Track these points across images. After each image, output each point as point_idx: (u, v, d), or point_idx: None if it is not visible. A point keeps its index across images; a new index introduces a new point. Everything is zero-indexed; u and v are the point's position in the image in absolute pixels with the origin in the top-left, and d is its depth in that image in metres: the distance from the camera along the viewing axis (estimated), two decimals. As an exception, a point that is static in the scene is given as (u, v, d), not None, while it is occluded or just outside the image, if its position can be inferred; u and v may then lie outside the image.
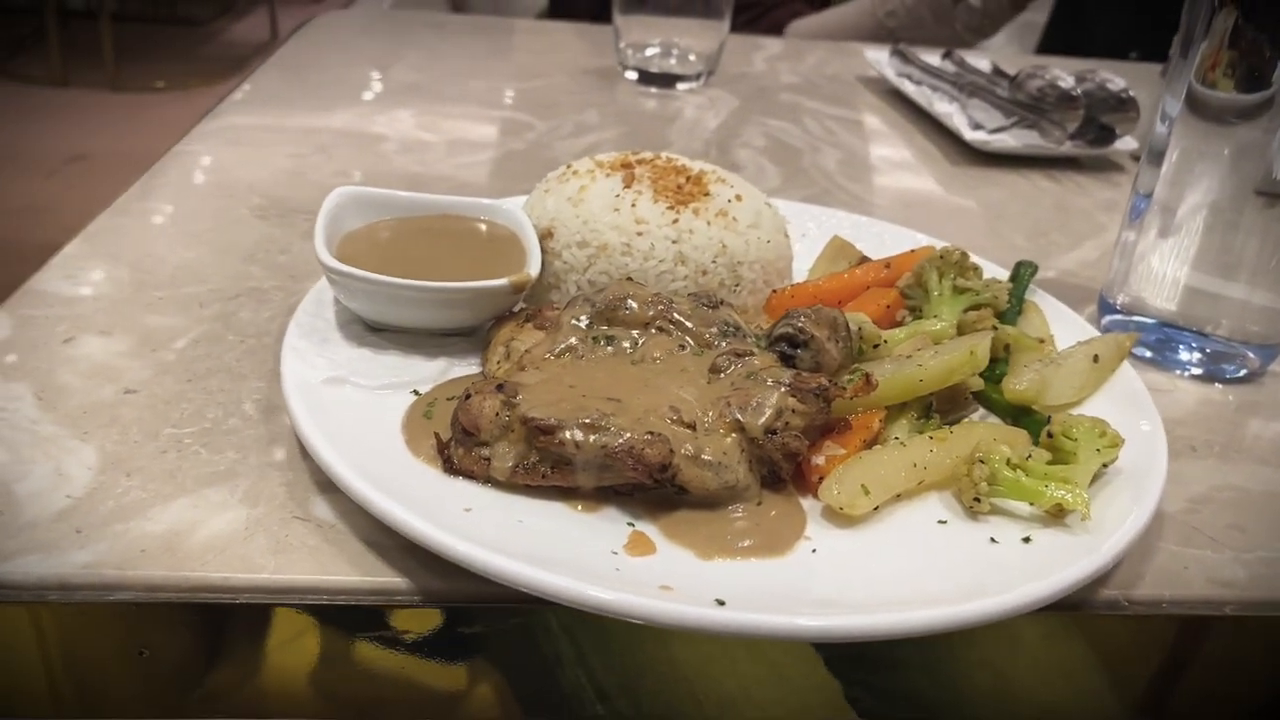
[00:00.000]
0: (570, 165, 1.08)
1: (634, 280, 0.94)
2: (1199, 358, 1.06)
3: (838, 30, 2.57)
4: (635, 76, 1.96)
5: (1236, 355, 1.05)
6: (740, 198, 1.03)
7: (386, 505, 0.71)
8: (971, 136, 1.68)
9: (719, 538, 0.74)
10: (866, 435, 0.83)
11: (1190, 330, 1.06)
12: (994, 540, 0.76)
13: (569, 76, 1.99)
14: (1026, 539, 0.76)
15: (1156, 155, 1.03)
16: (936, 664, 0.95)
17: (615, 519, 0.76)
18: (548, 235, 1.01)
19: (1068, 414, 0.85)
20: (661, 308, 0.88)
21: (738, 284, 0.99)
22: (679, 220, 0.98)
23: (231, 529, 0.75)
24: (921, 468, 0.79)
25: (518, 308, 0.96)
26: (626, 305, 0.88)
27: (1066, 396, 0.91)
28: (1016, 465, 0.79)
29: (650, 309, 0.88)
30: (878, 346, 0.92)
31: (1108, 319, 1.12)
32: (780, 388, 0.80)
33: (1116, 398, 0.92)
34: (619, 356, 0.86)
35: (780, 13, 2.70)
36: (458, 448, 0.78)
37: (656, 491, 0.77)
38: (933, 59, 1.99)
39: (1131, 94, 1.65)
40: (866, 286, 1.03)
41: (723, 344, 0.86)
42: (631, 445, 0.74)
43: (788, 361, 0.85)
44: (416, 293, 0.89)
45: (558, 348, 0.87)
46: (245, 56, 6.34)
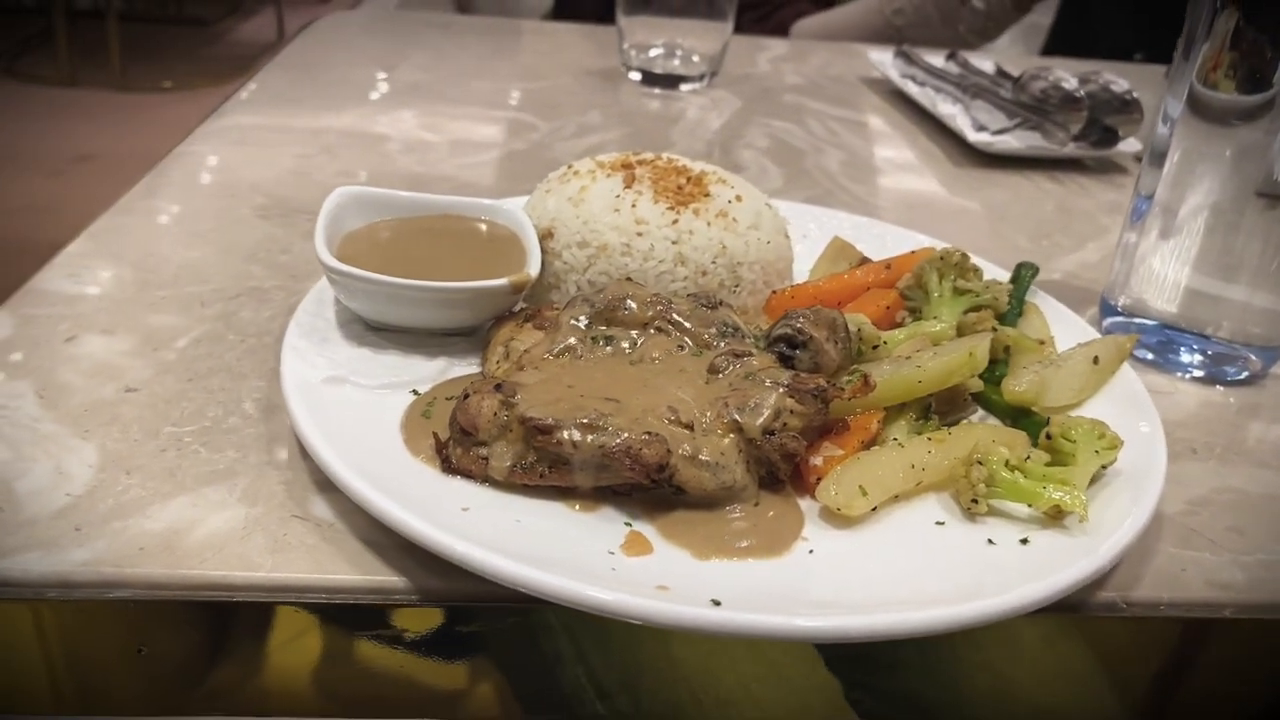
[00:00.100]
0: (571, 165, 1.08)
1: (633, 281, 0.94)
2: (1200, 360, 1.06)
3: (844, 29, 2.55)
4: (639, 77, 1.96)
5: (1238, 357, 1.05)
6: (740, 198, 1.03)
7: (384, 504, 0.71)
8: (975, 138, 1.67)
9: (716, 538, 0.74)
10: (865, 436, 0.83)
11: (1191, 332, 1.05)
12: (991, 542, 0.76)
13: (573, 77, 1.99)
14: (1024, 540, 0.76)
15: (1158, 156, 1.03)
16: (937, 665, 0.95)
17: (613, 519, 0.76)
18: (548, 235, 1.01)
19: (1067, 415, 0.85)
20: (660, 308, 0.88)
21: (737, 285, 0.99)
22: (679, 221, 0.98)
23: (230, 527, 0.76)
24: (919, 469, 0.79)
25: (517, 308, 0.96)
26: (626, 305, 0.88)
27: (1066, 398, 0.91)
28: (1015, 467, 0.78)
29: (649, 309, 0.88)
30: (877, 348, 0.92)
31: (1109, 321, 1.12)
32: (778, 388, 0.80)
33: (1116, 400, 0.92)
34: (618, 357, 0.86)
35: (785, 12, 2.69)
36: (456, 447, 0.79)
37: (654, 492, 0.77)
38: (936, 60, 1.99)
39: (1135, 96, 1.65)
40: (866, 287, 1.03)
41: (721, 344, 0.86)
42: (629, 445, 0.74)
43: (786, 362, 0.85)
44: (416, 292, 0.89)
45: (556, 348, 0.87)
46: (252, 56, 6.36)
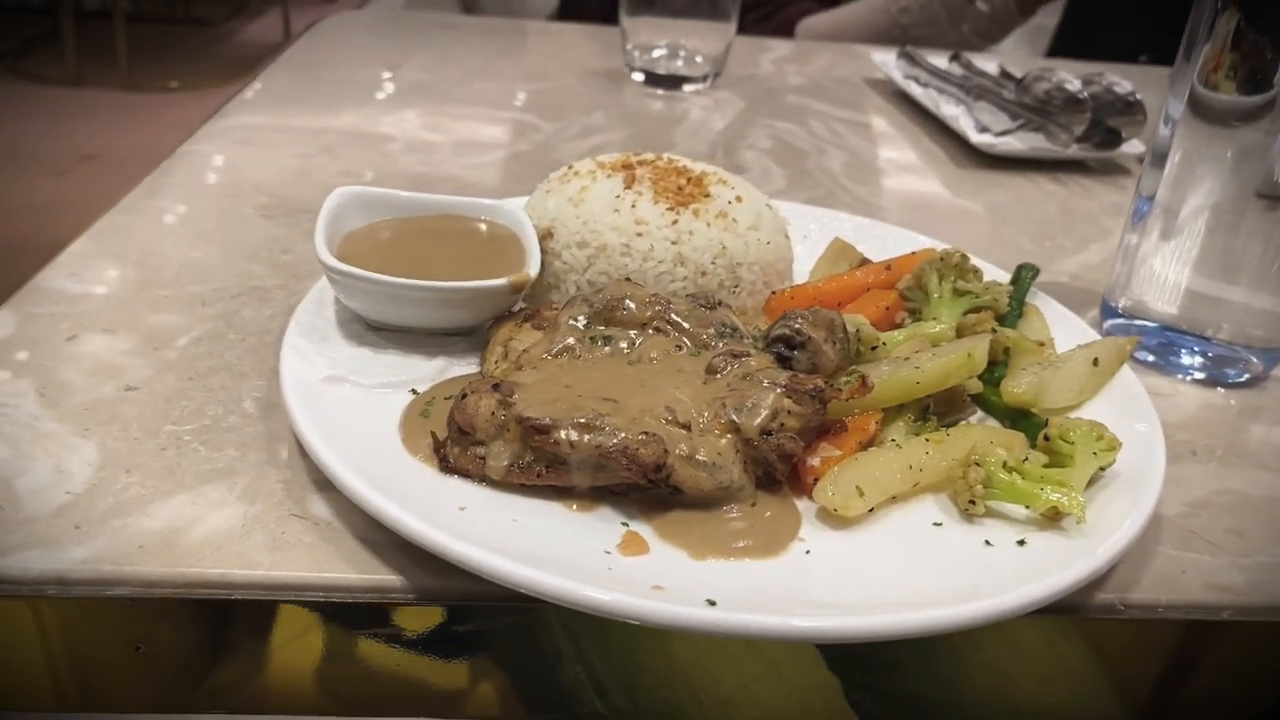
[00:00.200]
0: (572, 166, 1.08)
1: (632, 281, 0.94)
2: (1201, 362, 1.06)
3: (849, 27, 2.53)
4: (642, 78, 1.96)
5: (1239, 359, 1.05)
6: (740, 199, 1.03)
7: (381, 503, 0.71)
8: (977, 139, 1.67)
9: (713, 538, 0.74)
10: (862, 437, 0.83)
11: (1192, 334, 1.05)
12: (989, 543, 0.76)
13: (577, 78, 2.00)
14: (1021, 542, 0.76)
15: (1159, 158, 1.03)
16: (937, 666, 0.94)
17: (610, 519, 0.76)
18: (548, 235, 1.01)
19: (1065, 417, 0.85)
20: (659, 308, 0.89)
21: (737, 285, 0.99)
22: (679, 221, 0.98)
23: (229, 526, 0.76)
24: (917, 470, 0.79)
25: (517, 308, 0.96)
26: (624, 306, 0.89)
27: (1065, 400, 0.91)
28: (1012, 468, 0.78)
29: (648, 309, 0.88)
30: (876, 348, 0.92)
31: (1110, 323, 1.12)
32: (776, 389, 0.80)
33: (1116, 401, 0.92)
34: (616, 357, 0.86)
35: (790, 11, 2.67)
36: (453, 446, 0.79)
37: (651, 492, 0.77)
38: (940, 61, 1.99)
39: (1139, 97, 1.64)
40: (866, 288, 1.03)
41: (720, 345, 0.86)
42: (626, 445, 0.74)
43: (784, 363, 0.85)
44: (416, 292, 0.90)
45: (555, 347, 0.87)
46: (258, 57, 6.37)
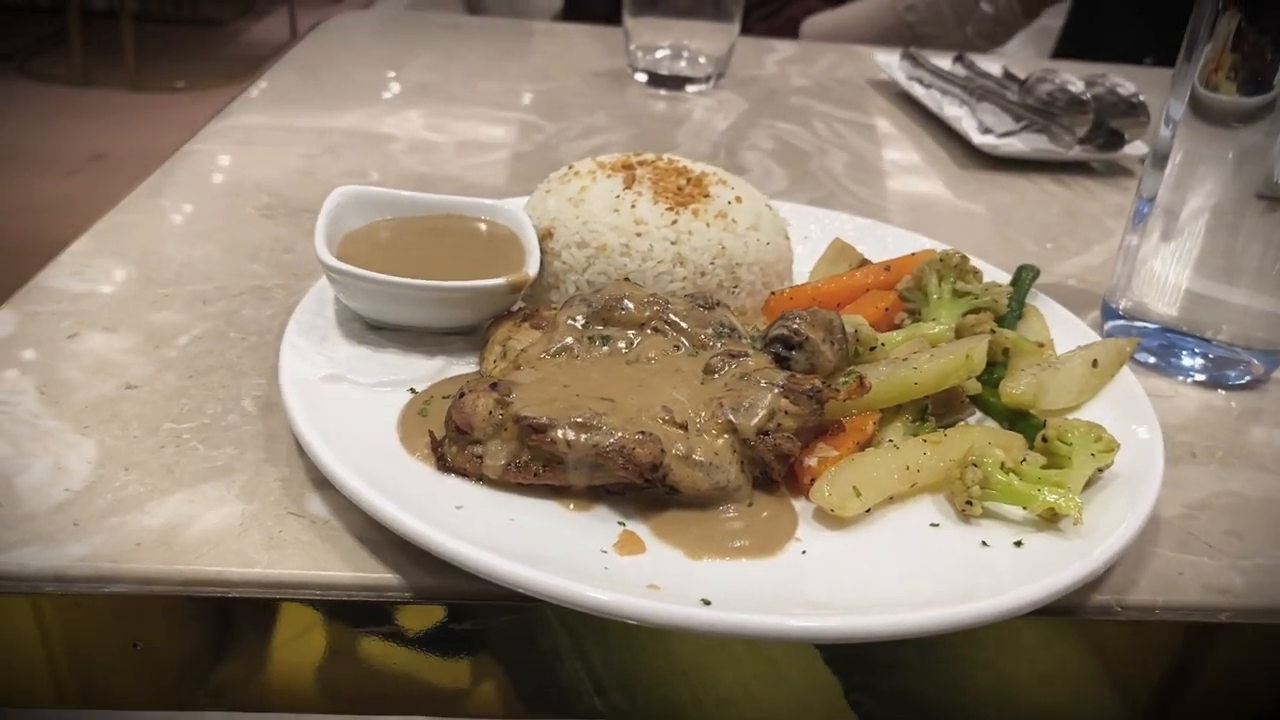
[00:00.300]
0: (572, 166, 1.08)
1: (631, 281, 0.94)
2: (1202, 363, 1.05)
3: (855, 25, 2.51)
4: (645, 79, 1.96)
5: (1240, 361, 1.05)
6: (740, 199, 1.03)
7: (378, 502, 0.71)
8: (980, 140, 1.67)
9: (709, 538, 0.74)
10: (860, 437, 0.83)
11: (1193, 336, 1.05)
12: (985, 544, 0.76)
13: (580, 78, 2.00)
14: (1018, 543, 0.75)
15: (1160, 159, 1.03)
16: (937, 666, 0.94)
17: (606, 518, 0.76)
18: (547, 235, 1.01)
19: (1063, 418, 0.85)
20: (657, 308, 0.89)
21: (736, 285, 0.99)
22: (678, 221, 0.98)
23: (227, 524, 0.76)
24: (914, 470, 0.79)
25: (516, 307, 0.97)
26: (623, 305, 0.89)
27: (1064, 401, 0.90)
28: (1010, 469, 0.78)
29: (646, 309, 0.88)
30: (874, 349, 0.91)
31: (1110, 324, 1.11)
32: (773, 389, 0.80)
33: (1115, 403, 0.92)
34: (614, 356, 0.86)
35: (794, 9, 2.66)
36: (451, 445, 0.79)
37: (648, 491, 0.77)
38: (943, 63, 1.99)
39: (1142, 99, 1.64)
40: (866, 289, 1.02)
41: (718, 345, 0.87)
42: (622, 445, 0.74)
43: (782, 363, 0.85)
44: (415, 291, 0.90)
45: (553, 347, 0.87)
46: (264, 57, 6.38)
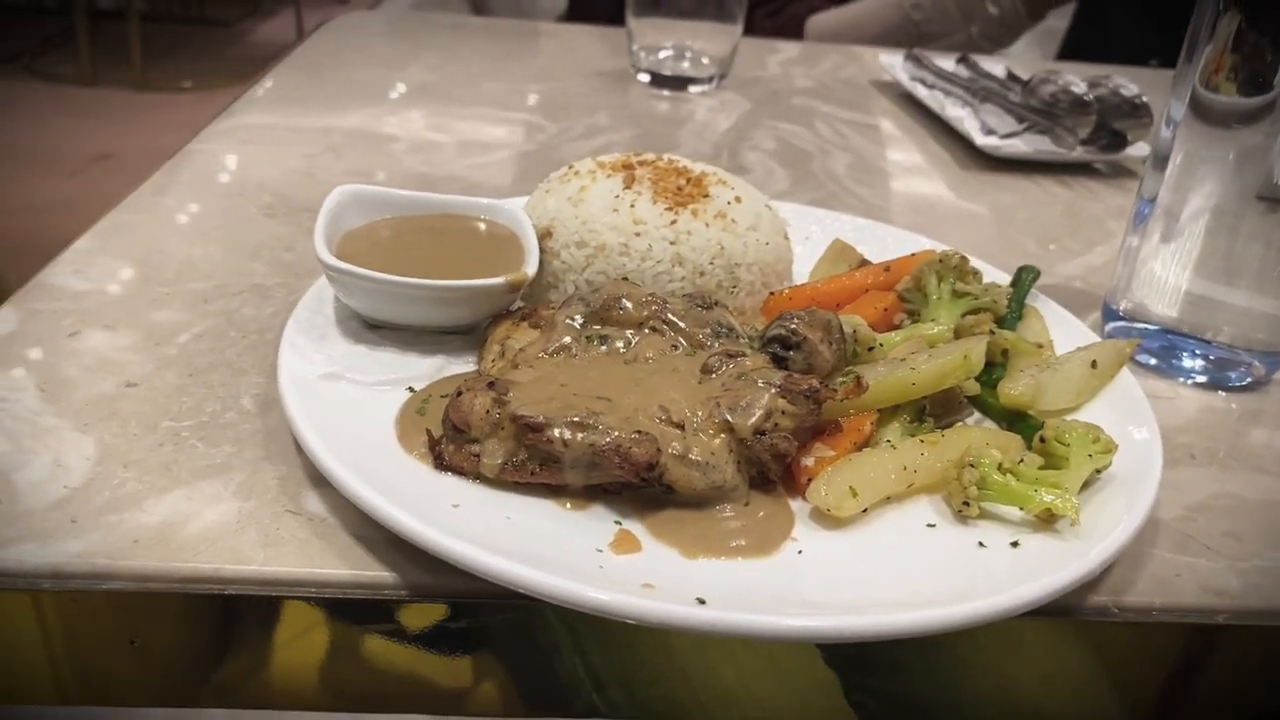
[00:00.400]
0: (572, 166, 1.09)
1: (630, 280, 0.94)
2: (1203, 365, 1.05)
3: (860, 23, 2.50)
4: (648, 79, 1.96)
5: (1241, 363, 1.04)
6: (740, 199, 1.03)
7: (374, 500, 0.71)
8: (982, 141, 1.67)
9: (705, 537, 0.74)
10: (857, 438, 0.82)
11: (1193, 337, 1.05)
12: (982, 544, 0.76)
13: (583, 79, 2.00)
14: (1015, 544, 0.75)
15: (1161, 160, 1.02)
16: (939, 668, 0.94)
17: (603, 517, 0.76)
18: (547, 235, 1.01)
19: (1061, 419, 0.85)
20: (655, 308, 0.89)
21: (735, 285, 0.99)
22: (677, 221, 0.98)
23: (224, 521, 0.76)
24: (911, 471, 0.79)
25: (515, 306, 0.97)
26: (621, 305, 0.89)
27: (1063, 402, 0.90)
28: (1007, 470, 0.78)
29: (644, 309, 0.88)
30: (872, 349, 0.91)
31: (1111, 325, 1.11)
32: (770, 389, 0.80)
33: (1115, 404, 0.91)
34: (612, 356, 0.86)
35: (799, 6, 2.66)
36: (448, 444, 0.79)
37: (645, 490, 0.77)
38: (947, 63, 1.98)
39: (1145, 100, 1.64)
40: (865, 290, 1.02)
41: (715, 345, 0.87)
42: (619, 444, 0.74)
43: (780, 363, 0.85)
44: (413, 290, 0.90)
45: (552, 346, 0.87)
46: (270, 57, 6.37)
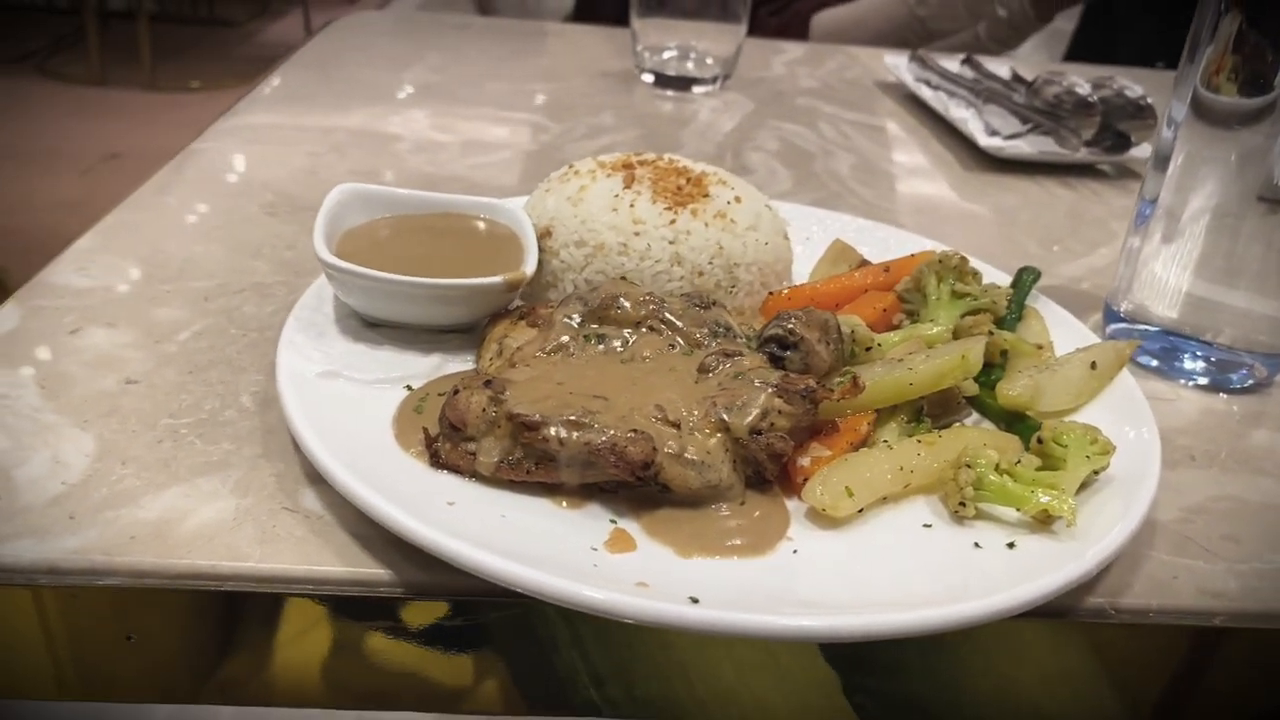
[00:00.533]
0: (572, 165, 1.09)
1: (628, 280, 0.94)
2: (1204, 366, 1.05)
3: (865, 20, 2.48)
4: (652, 79, 1.96)
5: (1242, 364, 1.04)
6: (739, 199, 1.03)
7: (369, 497, 0.71)
8: (986, 142, 1.66)
9: (700, 536, 0.74)
10: (854, 438, 0.82)
11: (1195, 338, 1.04)
12: (978, 545, 0.75)
13: (587, 79, 2.00)
14: (1011, 544, 0.75)
15: (1162, 160, 1.02)
16: (939, 670, 0.94)
17: (598, 516, 0.76)
18: (546, 234, 1.01)
19: (1060, 420, 0.85)
20: (653, 307, 0.89)
21: (734, 285, 0.99)
22: (676, 221, 0.98)
23: (221, 518, 0.76)
24: (908, 471, 0.79)
25: (513, 305, 0.97)
26: (618, 304, 0.89)
27: (1062, 403, 0.90)
28: (1004, 470, 0.78)
29: (642, 308, 0.88)
30: (870, 350, 0.91)
31: (1112, 327, 1.11)
32: (767, 389, 0.80)
33: (1114, 406, 0.91)
34: (609, 355, 0.86)
35: (803, 4, 2.65)
36: (444, 442, 0.79)
37: (641, 489, 0.77)
38: (951, 64, 1.98)
39: (1149, 101, 1.63)
40: (864, 290, 1.02)
41: (713, 344, 0.87)
42: (614, 443, 0.74)
43: (777, 363, 0.85)
44: (412, 289, 0.90)
45: (549, 345, 0.87)
46: (279, 57, 6.40)
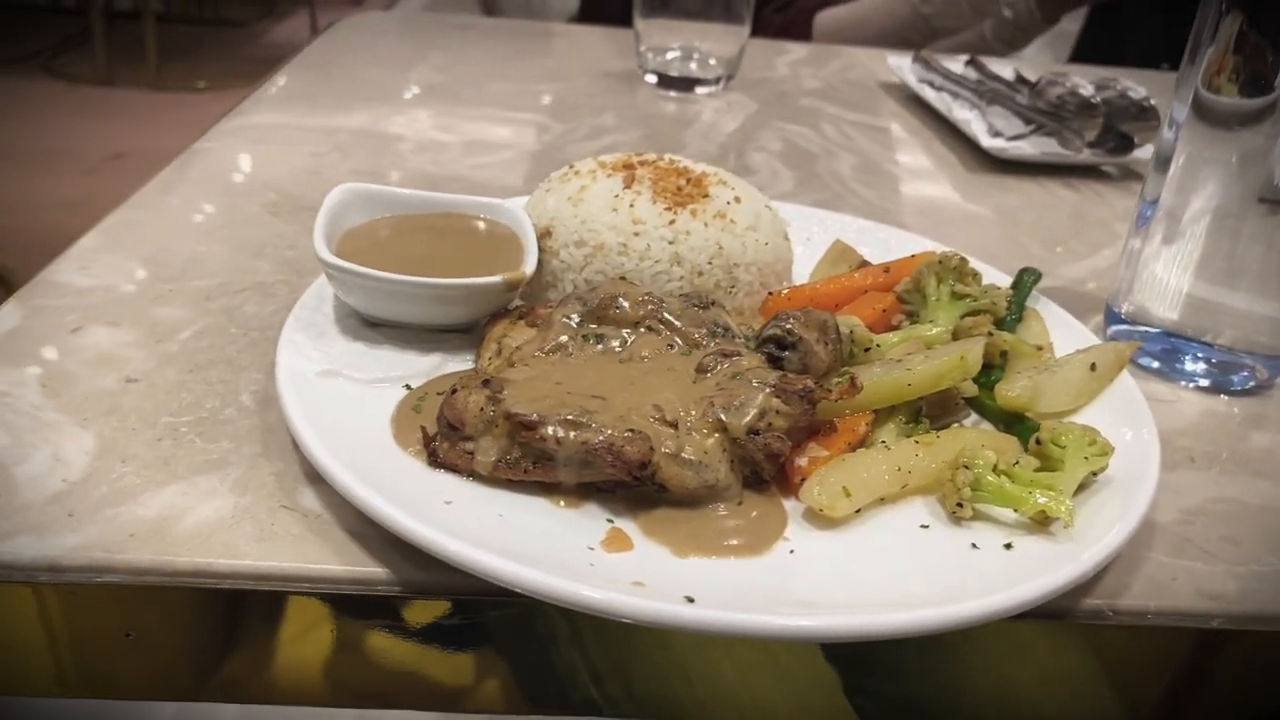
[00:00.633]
0: (573, 165, 1.09)
1: (627, 280, 0.94)
2: (1205, 368, 1.04)
3: (869, 18, 2.48)
4: (655, 80, 1.96)
5: (1244, 366, 1.04)
6: (739, 200, 1.03)
7: (366, 496, 0.71)
8: (989, 143, 1.66)
9: (697, 536, 0.74)
10: (852, 438, 0.82)
11: (1196, 340, 1.04)
12: (975, 546, 0.75)
13: (590, 79, 2.00)
14: (1008, 545, 0.75)
15: (1163, 161, 1.02)
16: (939, 671, 0.94)
17: (595, 515, 0.76)
18: (546, 234, 1.01)
19: (1058, 421, 0.84)
20: (652, 307, 0.89)
21: (734, 286, 0.99)
22: (676, 221, 0.98)
23: (219, 516, 0.77)
24: (906, 471, 0.79)
25: (513, 305, 0.97)
26: (617, 304, 0.89)
27: (1061, 404, 0.90)
28: (1002, 471, 0.78)
29: (640, 308, 0.89)
30: (869, 350, 0.91)
31: (1113, 328, 1.11)
32: (765, 389, 0.80)
33: (1113, 407, 0.91)
34: (608, 355, 0.87)
35: (808, 1, 2.65)
36: (442, 441, 0.79)
37: (638, 489, 0.77)
38: (955, 65, 1.98)
39: (1152, 103, 1.63)
40: (864, 290, 1.02)
41: (711, 344, 0.87)
42: (611, 442, 0.74)
43: (775, 363, 0.85)
44: (411, 288, 0.90)
45: (548, 345, 0.87)
46: (284, 58, 6.42)
